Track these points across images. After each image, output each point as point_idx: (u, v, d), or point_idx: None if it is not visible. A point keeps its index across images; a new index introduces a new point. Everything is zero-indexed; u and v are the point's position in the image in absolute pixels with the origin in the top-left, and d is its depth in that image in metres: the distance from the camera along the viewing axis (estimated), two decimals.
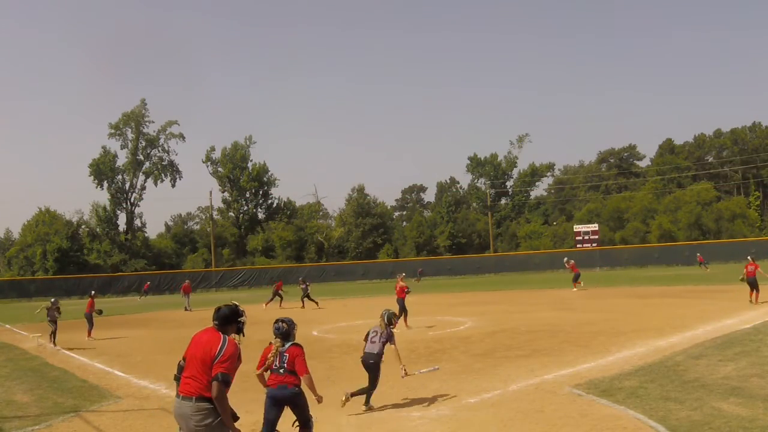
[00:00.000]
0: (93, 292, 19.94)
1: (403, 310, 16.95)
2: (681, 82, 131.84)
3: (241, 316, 4.57)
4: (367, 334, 8.30)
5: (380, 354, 8.06)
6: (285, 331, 5.95)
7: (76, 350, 15.31)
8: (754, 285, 18.32)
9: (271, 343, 6.04)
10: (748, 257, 19.65)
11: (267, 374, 5.97)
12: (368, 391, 8.02)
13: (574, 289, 28.17)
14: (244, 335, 4.64)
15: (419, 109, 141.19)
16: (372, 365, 8.03)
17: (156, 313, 28.09)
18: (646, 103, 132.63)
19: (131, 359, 13.60)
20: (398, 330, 16.27)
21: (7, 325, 23.77)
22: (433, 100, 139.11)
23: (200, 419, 4.23)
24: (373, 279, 56.64)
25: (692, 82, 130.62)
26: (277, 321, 6.07)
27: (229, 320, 4.50)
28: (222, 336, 4.39)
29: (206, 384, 4.25)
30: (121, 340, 17.69)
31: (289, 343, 5.93)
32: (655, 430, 6.37)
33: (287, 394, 5.78)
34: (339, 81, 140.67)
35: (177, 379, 4.57)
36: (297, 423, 5.95)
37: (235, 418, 4.40)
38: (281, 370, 5.82)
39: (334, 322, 19.59)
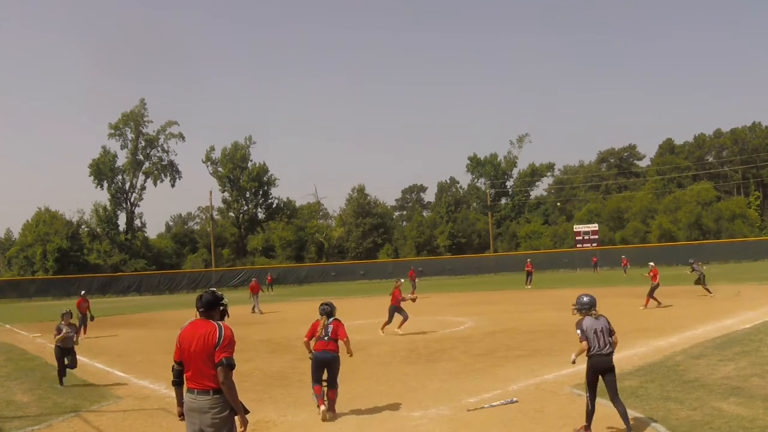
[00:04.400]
0: (83, 292, 19.83)
1: (392, 316, 15.85)
2: (681, 82, 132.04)
3: (222, 299, 4.66)
4: None
5: None
6: (328, 311, 7.88)
7: (76, 350, 15.28)
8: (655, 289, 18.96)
9: (318, 320, 7.86)
10: (650, 263, 20.28)
11: (313, 342, 7.72)
12: None
13: (528, 286, 32.49)
14: (228, 315, 4.76)
15: (419, 109, 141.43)
16: None
17: (156, 313, 28.08)
18: (646, 103, 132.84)
19: (131, 359, 13.60)
20: (384, 334, 15.40)
21: (7, 325, 23.76)
22: (433, 100, 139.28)
23: (218, 411, 4.26)
24: (373, 279, 56.61)
25: (692, 82, 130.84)
26: (322, 304, 8.04)
27: (213, 305, 4.54)
28: (216, 324, 4.41)
29: (215, 374, 4.27)
30: (120, 340, 17.68)
31: (332, 318, 7.80)
32: (655, 430, 6.36)
33: (327, 357, 7.55)
34: (339, 80, 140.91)
35: (176, 383, 4.56)
36: (326, 383, 7.59)
37: (246, 411, 4.41)
38: (325, 338, 7.62)
39: None
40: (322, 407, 7.54)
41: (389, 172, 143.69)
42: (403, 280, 17.84)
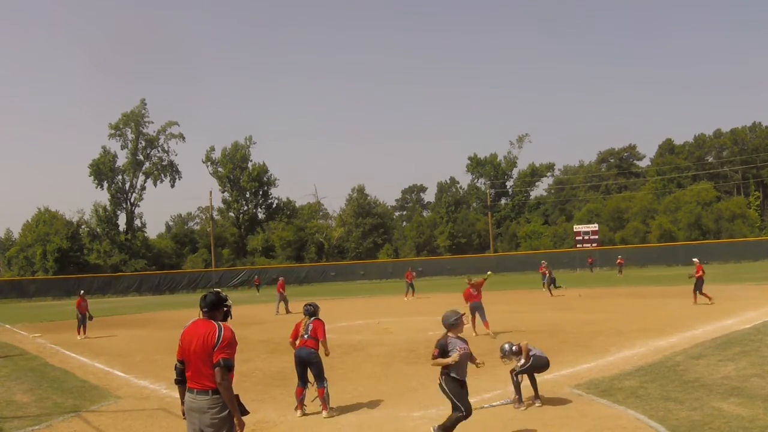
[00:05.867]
0: (82, 291, 19.78)
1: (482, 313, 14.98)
2: (681, 82, 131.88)
3: (226, 300, 4.66)
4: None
5: None
6: (311, 311, 8.16)
7: (76, 350, 15.31)
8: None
9: (300, 321, 8.15)
10: (694, 259, 19.95)
11: (297, 342, 7.97)
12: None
13: (545, 290, 28.13)
14: (231, 317, 4.75)
15: (419, 109, 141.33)
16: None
17: (156, 313, 28.08)
18: (646, 103, 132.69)
19: (131, 359, 13.60)
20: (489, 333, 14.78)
21: (7, 325, 23.77)
22: (433, 100, 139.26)
23: (217, 411, 4.26)
24: (373, 279, 56.60)
25: (692, 82, 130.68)
26: (306, 304, 8.31)
27: (216, 305, 4.55)
28: (216, 324, 4.41)
29: (214, 374, 4.27)
30: (120, 340, 17.68)
31: (313, 318, 8.06)
32: (655, 430, 6.36)
33: (305, 354, 7.82)
34: (339, 81, 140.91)
35: (178, 382, 4.56)
36: (314, 380, 7.80)
37: (245, 412, 4.40)
38: (305, 336, 7.91)
39: (334, 322, 19.56)
40: (298, 412, 7.76)
41: (389, 172, 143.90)
42: (466, 280, 15.94)
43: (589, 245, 57.73)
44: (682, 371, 9.08)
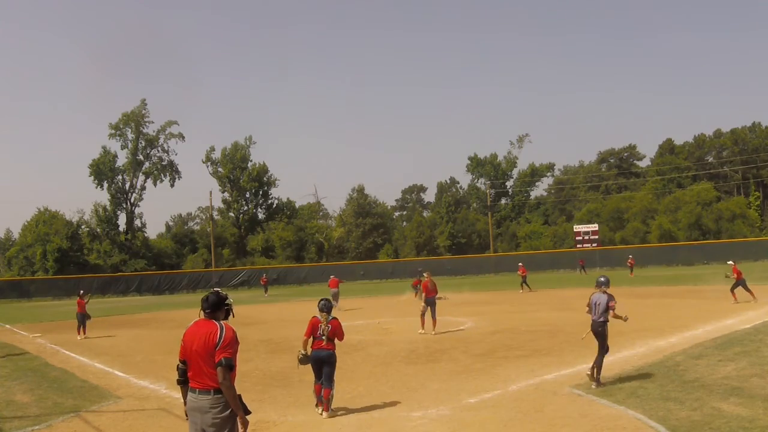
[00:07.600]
0: (81, 291, 19.74)
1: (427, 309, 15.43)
2: (681, 82, 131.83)
3: (227, 299, 4.67)
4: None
5: None
6: (329, 306, 7.99)
7: (76, 350, 15.31)
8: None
9: (315, 317, 7.89)
10: (729, 262, 19.88)
11: (310, 341, 7.86)
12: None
13: (521, 291, 29.87)
14: (233, 316, 4.76)
15: (419, 109, 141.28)
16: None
17: (156, 313, 28.08)
18: (646, 103, 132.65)
19: (131, 359, 13.60)
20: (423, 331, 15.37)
21: (7, 325, 23.77)
22: (433, 100, 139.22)
23: (219, 411, 4.27)
24: (373, 279, 56.57)
25: (692, 82, 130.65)
26: (321, 299, 8.12)
27: (218, 305, 4.56)
28: (218, 323, 4.43)
29: (216, 374, 4.28)
30: (120, 340, 17.69)
31: (330, 317, 7.88)
32: (655, 430, 6.37)
33: (325, 355, 7.78)
34: (339, 81, 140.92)
35: (181, 382, 4.56)
36: (322, 380, 7.79)
37: (247, 412, 4.40)
38: (323, 338, 7.78)
39: None
40: (319, 408, 7.82)
41: (389, 172, 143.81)
42: (425, 274, 16.51)
43: (589, 245, 57.69)
44: (682, 371, 9.08)
